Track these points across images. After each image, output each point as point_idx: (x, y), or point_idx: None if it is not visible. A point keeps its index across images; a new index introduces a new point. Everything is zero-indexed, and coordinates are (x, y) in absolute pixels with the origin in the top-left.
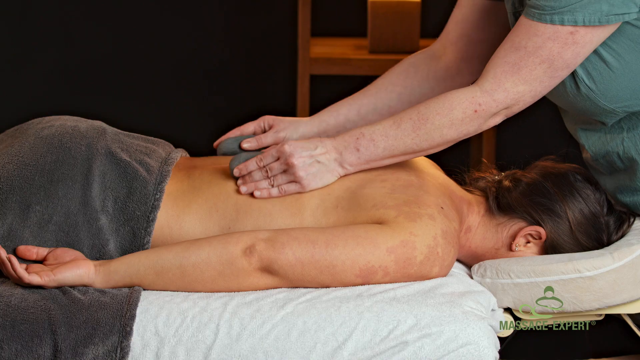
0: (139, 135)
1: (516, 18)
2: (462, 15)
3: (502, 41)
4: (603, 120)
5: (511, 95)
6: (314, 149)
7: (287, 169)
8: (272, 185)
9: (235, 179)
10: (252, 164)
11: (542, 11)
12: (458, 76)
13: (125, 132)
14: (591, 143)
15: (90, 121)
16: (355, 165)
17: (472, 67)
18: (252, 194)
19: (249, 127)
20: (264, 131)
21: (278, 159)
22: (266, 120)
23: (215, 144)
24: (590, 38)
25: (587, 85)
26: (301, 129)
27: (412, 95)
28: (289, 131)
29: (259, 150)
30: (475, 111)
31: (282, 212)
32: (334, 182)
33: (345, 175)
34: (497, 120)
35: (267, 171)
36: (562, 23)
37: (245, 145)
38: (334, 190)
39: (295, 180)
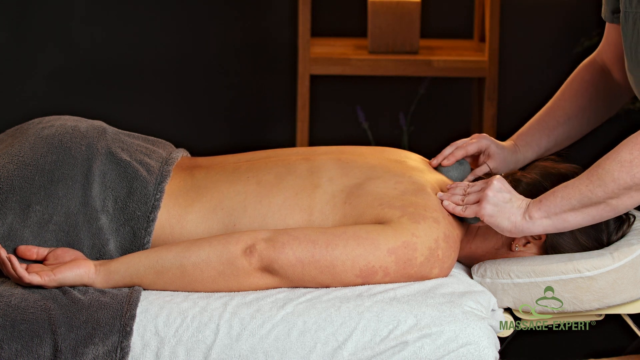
0: (140, 135)
1: (626, 18)
2: (610, 36)
3: None
4: None
5: None
6: (509, 199)
7: (481, 197)
8: (462, 201)
9: None
10: (461, 187)
11: None
12: (631, 91)
13: (125, 132)
14: None
15: (90, 121)
16: (536, 218)
17: None
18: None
19: (473, 147)
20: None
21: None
22: (488, 150)
23: (441, 163)
24: None
25: None
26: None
27: (598, 116)
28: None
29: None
30: None
31: (292, 207)
32: (347, 178)
33: (353, 173)
34: None
35: (467, 194)
36: None
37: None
38: (347, 187)
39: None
